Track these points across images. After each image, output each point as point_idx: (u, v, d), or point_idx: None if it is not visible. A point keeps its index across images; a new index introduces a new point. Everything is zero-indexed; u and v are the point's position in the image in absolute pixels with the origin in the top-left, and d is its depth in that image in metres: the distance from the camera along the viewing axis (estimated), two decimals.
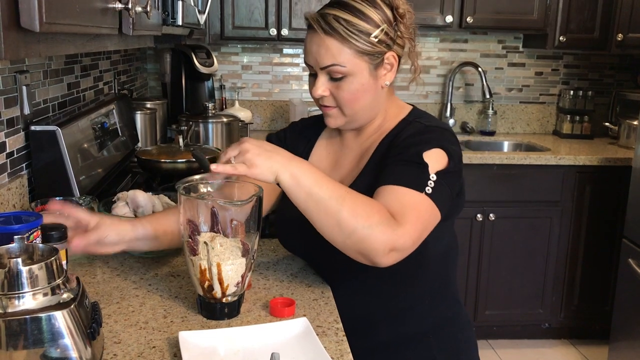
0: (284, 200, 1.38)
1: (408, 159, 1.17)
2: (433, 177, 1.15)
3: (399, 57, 1.27)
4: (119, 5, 1.08)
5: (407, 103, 1.37)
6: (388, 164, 1.20)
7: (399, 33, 1.24)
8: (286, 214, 1.37)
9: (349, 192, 1.12)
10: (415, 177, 1.15)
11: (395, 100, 1.34)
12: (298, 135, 1.45)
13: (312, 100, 1.30)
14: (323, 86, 1.24)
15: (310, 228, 1.16)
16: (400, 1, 1.23)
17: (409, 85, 1.34)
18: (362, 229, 1.07)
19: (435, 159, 1.17)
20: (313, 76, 1.27)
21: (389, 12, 1.21)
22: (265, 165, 1.09)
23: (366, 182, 1.24)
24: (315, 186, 1.10)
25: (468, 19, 3.27)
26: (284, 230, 1.42)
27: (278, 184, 1.12)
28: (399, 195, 1.13)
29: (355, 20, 1.18)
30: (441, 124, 1.28)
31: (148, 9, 1.21)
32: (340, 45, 1.19)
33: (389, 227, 1.08)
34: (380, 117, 1.32)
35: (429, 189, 1.14)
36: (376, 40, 1.20)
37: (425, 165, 1.16)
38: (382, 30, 1.20)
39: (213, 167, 1.10)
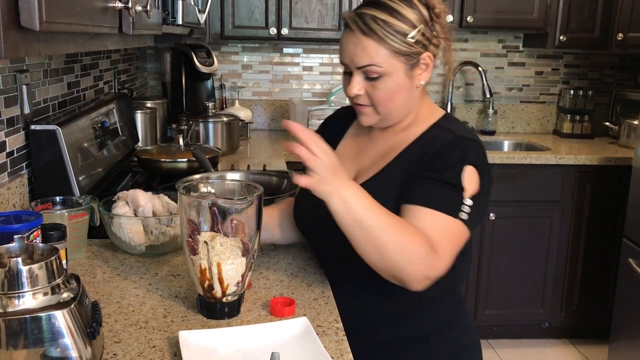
0: (304, 190, 1.39)
1: (445, 180, 1.17)
2: (468, 202, 1.17)
3: (434, 57, 1.26)
4: (119, 5, 1.08)
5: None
6: (421, 179, 1.19)
7: (434, 33, 1.23)
8: (305, 199, 1.37)
9: (395, 222, 1.12)
10: (452, 202, 1.16)
11: (427, 102, 1.34)
12: (332, 128, 1.46)
13: (312, 99, 1.30)
14: (358, 85, 1.24)
15: (325, 221, 1.18)
16: (436, 0, 1.23)
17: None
18: (403, 262, 1.11)
19: (469, 180, 1.18)
20: (348, 74, 1.27)
21: (425, 12, 1.21)
22: (328, 187, 1.09)
23: (388, 179, 1.25)
24: (364, 214, 1.10)
25: (468, 19, 3.26)
26: (299, 212, 1.42)
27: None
28: (435, 221, 1.14)
29: (392, 20, 1.18)
30: (471, 135, 1.27)
31: (148, 8, 1.21)
32: (377, 46, 1.19)
33: (428, 260, 1.11)
34: (411, 116, 1.31)
35: (464, 215, 1.16)
36: (413, 40, 1.20)
37: (461, 190, 1.17)
38: (419, 30, 1.20)
39: (296, 149, 1.07)
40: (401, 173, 1.25)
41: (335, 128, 1.46)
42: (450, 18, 3.24)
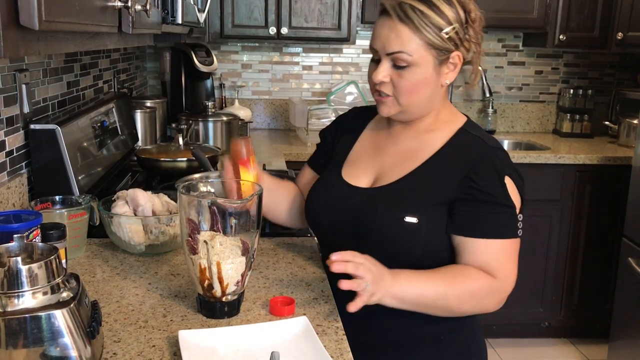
0: (319, 184, 1.42)
1: (498, 203, 1.21)
2: (520, 217, 1.25)
3: (463, 60, 1.27)
4: (118, 4, 1.08)
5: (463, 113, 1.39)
6: (472, 205, 1.22)
7: (467, 36, 1.24)
8: (321, 196, 1.38)
9: (447, 284, 1.20)
10: (511, 226, 1.23)
11: (448, 106, 1.36)
12: (344, 126, 1.47)
13: (312, 99, 1.31)
14: (385, 72, 1.24)
15: (342, 214, 1.30)
16: (472, 6, 1.25)
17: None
18: (473, 309, 1.25)
19: (513, 193, 1.24)
20: (375, 62, 1.27)
21: (462, 13, 1.22)
22: (378, 295, 1.15)
23: (419, 182, 1.27)
24: (419, 299, 1.19)
25: None
26: (312, 207, 1.40)
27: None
28: (498, 249, 1.22)
29: (430, 13, 1.19)
30: (496, 143, 1.30)
31: (147, 7, 1.21)
32: (411, 34, 1.19)
33: (494, 292, 1.22)
34: (432, 117, 1.32)
35: (520, 231, 1.24)
36: (446, 36, 1.21)
37: (514, 207, 1.23)
38: (454, 28, 1.21)
39: (345, 285, 1.11)
40: (434, 178, 1.26)
41: (351, 126, 1.46)
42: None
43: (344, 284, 1.10)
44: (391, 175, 1.30)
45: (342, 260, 1.12)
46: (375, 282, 1.14)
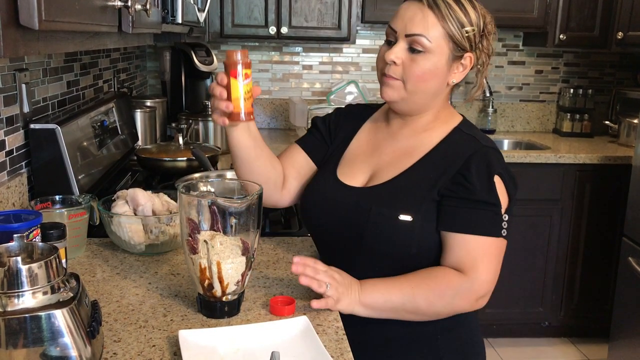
0: (315, 182, 1.40)
1: (482, 200, 1.21)
2: (505, 217, 1.23)
3: (473, 65, 1.29)
4: (118, 3, 1.08)
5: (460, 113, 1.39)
6: (458, 201, 1.22)
7: (480, 45, 1.28)
8: (317, 196, 1.37)
9: (414, 287, 1.21)
10: (494, 223, 1.22)
11: (448, 107, 1.36)
12: (344, 120, 1.46)
13: (312, 98, 1.31)
14: (399, 53, 1.24)
15: (337, 213, 1.30)
16: (490, 19, 1.29)
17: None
18: (444, 309, 1.23)
19: (501, 193, 1.23)
20: (389, 44, 1.27)
21: (481, 21, 1.26)
22: (345, 302, 1.19)
23: (412, 181, 1.27)
24: (388, 304, 1.21)
25: None
26: (307, 207, 1.40)
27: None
28: (477, 245, 1.21)
29: (457, 8, 1.22)
30: (490, 142, 1.30)
31: (147, 7, 1.21)
32: (435, 21, 1.21)
33: (464, 291, 1.21)
34: (430, 115, 1.32)
35: (504, 231, 1.23)
36: (466, 34, 1.23)
37: (499, 206, 1.22)
38: (473, 30, 1.24)
39: (304, 281, 1.18)
40: (427, 176, 1.26)
41: (347, 123, 1.45)
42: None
43: (313, 303, 1.19)
44: (386, 174, 1.30)
45: (302, 264, 1.18)
46: (342, 289, 1.18)
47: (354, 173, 1.35)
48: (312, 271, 1.18)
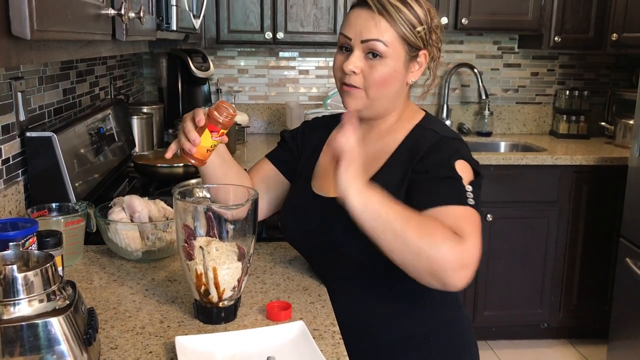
0: (291, 195, 1.40)
1: (442, 176, 1.18)
2: (469, 187, 1.18)
3: (428, 61, 1.30)
4: (111, 12, 1.08)
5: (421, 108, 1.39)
6: (419, 184, 1.20)
7: (431, 40, 1.29)
8: (293, 209, 1.38)
9: (413, 214, 1.11)
10: (456, 192, 1.16)
11: (410, 104, 1.36)
12: (310, 134, 1.46)
13: (309, 103, 1.31)
14: (357, 62, 1.24)
15: (313, 224, 1.25)
16: (434, 13, 1.29)
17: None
18: (429, 248, 1.07)
19: (462, 171, 1.19)
20: (344, 50, 1.27)
21: (428, 17, 1.27)
22: (352, 173, 1.09)
23: (386, 179, 1.24)
24: (381, 210, 1.09)
25: (463, 21, 3.27)
26: (288, 225, 1.41)
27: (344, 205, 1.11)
28: (449, 214, 1.14)
29: (404, 9, 1.23)
30: (454, 134, 1.30)
31: (141, 14, 1.21)
32: (388, 25, 1.22)
33: (454, 242, 1.08)
34: (394, 117, 1.32)
35: (470, 200, 1.16)
36: (418, 34, 1.25)
37: (460, 178, 1.18)
38: (424, 28, 1.25)
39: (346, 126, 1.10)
40: (394, 178, 1.25)
41: (314, 136, 1.45)
42: (445, 20, 3.26)
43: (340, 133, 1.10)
44: None
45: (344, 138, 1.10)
46: (357, 164, 1.10)
47: (327, 184, 1.34)
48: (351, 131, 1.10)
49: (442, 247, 1.07)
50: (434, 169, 1.20)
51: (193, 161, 1.24)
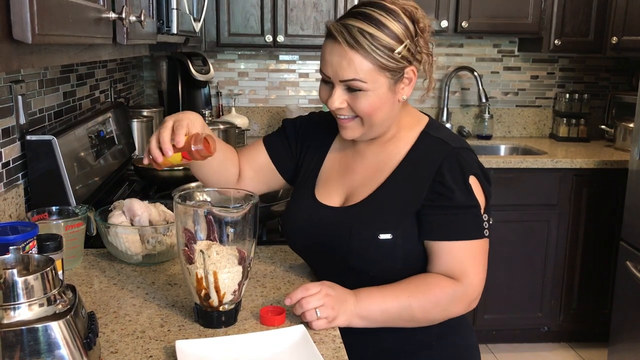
0: (294, 204, 1.40)
1: (460, 205, 1.21)
2: (485, 217, 1.23)
3: (417, 71, 1.24)
4: (112, 15, 1.08)
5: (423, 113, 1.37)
6: (436, 209, 1.22)
7: (418, 48, 1.22)
8: (297, 219, 1.37)
9: (410, 295, 1.20)
10: (475, 226, 1.22)
11: (409, 110, 1.33)
12: (314, 128, 1.44)
13: (309, 106, 1.31)
14: (340, 98, 1.21)
15: (318, 235, 1.29)
16: (420, 15, 1.21)
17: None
18: (439, 315, 1.24)
19: (477, 193, 1.23)
20: (327, 84, 1.24)
21: (410, 26, 1.19)
22: (342, 318, 1.18)
23: (388, 196, 1.26)
24: (384, 314, 1.20)
25: (463, 24, 3.27)
26: (292, 235, 1.41)
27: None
28: (462, 251, 1.22)
29: (379, 34, 1.15)
30: (461, 142, 1.28)
31: (142, 18, 1.21)
32: (362, 60, 1.15)
33: (458, 293, 1.21)
34: (394, 128, 1.30)
35: (486, 232, 1.24)
36: (399, 56, 1.17)
37: (478, 208, 1.22)
38: (405, 46, 1.18)
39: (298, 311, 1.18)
40: (404, 191, 1.25)
41: (317, 134, 1.43)
42: (445, 23, 3.26)
43: (313, 324, 1.17)
44: (361, 193, 1.29)
45: (295, 302, 1.18)
46: (337, 305, 1.17)
47: (331, 193, 1.34)
48: (306, 302, 1.16)
49: (450, 307, 1.22)
50: (450, 192, 1.21)
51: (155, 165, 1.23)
